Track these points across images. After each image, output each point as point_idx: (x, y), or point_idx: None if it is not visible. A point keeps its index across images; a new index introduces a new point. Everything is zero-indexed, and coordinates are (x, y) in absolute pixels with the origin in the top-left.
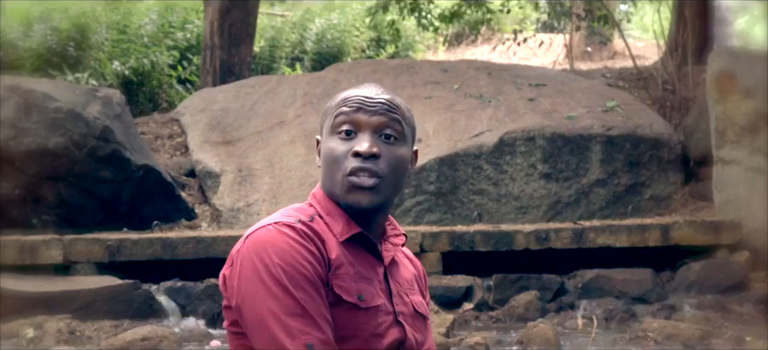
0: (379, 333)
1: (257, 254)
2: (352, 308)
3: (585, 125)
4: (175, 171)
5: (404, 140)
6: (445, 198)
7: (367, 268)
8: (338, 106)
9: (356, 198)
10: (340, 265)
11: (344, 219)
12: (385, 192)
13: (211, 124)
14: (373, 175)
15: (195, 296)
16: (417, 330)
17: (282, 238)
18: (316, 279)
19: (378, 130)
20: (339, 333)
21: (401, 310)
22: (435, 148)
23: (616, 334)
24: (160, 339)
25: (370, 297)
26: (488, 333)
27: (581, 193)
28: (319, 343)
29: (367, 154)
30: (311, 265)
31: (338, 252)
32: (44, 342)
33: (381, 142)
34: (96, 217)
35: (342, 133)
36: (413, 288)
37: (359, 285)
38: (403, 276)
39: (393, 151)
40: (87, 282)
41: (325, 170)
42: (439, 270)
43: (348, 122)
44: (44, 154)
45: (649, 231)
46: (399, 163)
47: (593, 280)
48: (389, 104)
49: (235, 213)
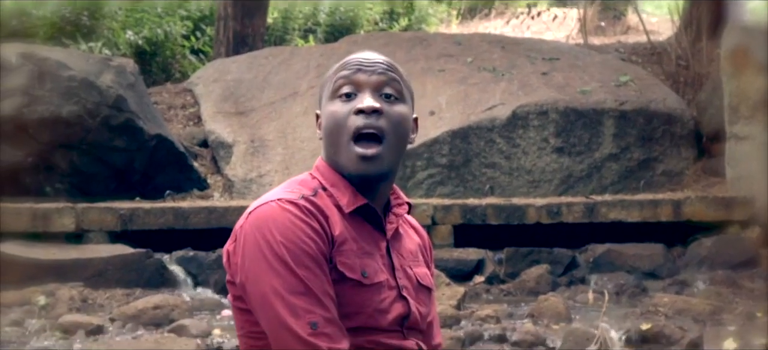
0: (383, 309)
1: (260, 231)
2: (356, 285)
3: (598, 99)
4: (188, 141)
5: (404, 101)
6: (458, 171)
7: (369, 243)
8: (337, 71)
9: (362, 168)
10: (343, 242)
11: (350, 191)
12: (389, 157)
13: (224, 95)
14: (376, 140)
15: (207, 266)
16: (421, 303)
17: (284, 215)
18: (319, 256)
19: (378, 89)
20: (343, 310)
21: (404, 284)
22: (448, 120)
23: (627, 309)
24: (171, 307)
25: (373, 273)
26: (499, 306)
27: (593, 168)
28: (323, 321)
29: (370, 110)
30: (314, 242)
31: (341, 228)
32: (56, 310)
33: (382, 100)
34: (109, 186)
35: (342, 95)
36: (417, 259)
37: (363, 261)
38: (406, 248)
39: (394, 109)
40: (99, 251)
41: (328, 137)
42: (450, 242)
43: (348, 84)
44: (57, 122)
45: (661, 206)
46: (401, 121)
47: (604, 255)
48: (387, 65)
49: (247, 183)
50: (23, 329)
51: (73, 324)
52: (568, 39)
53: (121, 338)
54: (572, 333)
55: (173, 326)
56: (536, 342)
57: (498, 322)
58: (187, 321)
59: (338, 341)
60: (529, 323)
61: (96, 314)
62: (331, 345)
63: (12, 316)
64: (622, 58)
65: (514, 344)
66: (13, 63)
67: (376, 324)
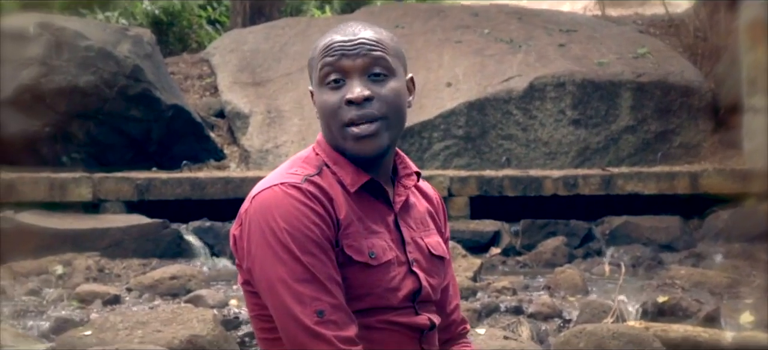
0: (393, 287)
1: (264, 218)
2: (364, 267)
3: (615, 71)
4: (205, 111)
5: (394, 74)
6: (474, 143)
7: (376, 220)
8: (321, 57)
9: (360, 148)
10: (349, 224)
11: (352, 168)
12: (388, 133)
13: (240, 65)
14: (371, 120)
15: (223, 236)
16: (433, 275)
17: (288, 201)
18: (324, 241)
19: (365, 71)
20: (352, 293)
21: (415, 258)
22: (464, 92)
23: (644, 281)
24: (188, 278)
25: (381, 252)
26: (515, 277)
27: (610, 140)
28: (330, 308)
29: (360, 100)
30: (318, 228)
31: (346, 209)
32: (73, 279)
33: (371, 83)
34: (125, 156)
35: (330, 83)
36: (428, 228)
37: (369, 241)
38: (416, 218)
39: (386, 89)
40: (116, 221)
41: (323, 123)
42: (466, 214)
43: (334, 71)
44: (74, 92)
45: (678, 178)
46: (395, 99)
47: (621, 227)
48: (371, 43)
49: (263, 154)
50: (40, 298)
51: (89, 294)
52: (586, 10)
53: (137, 308)
54: (588, 305)
55: (190, 296)
56: (552, 313)
57: (514, 294)
58: (203, 292)
59: (345, 328)
60: (546, 295)
61: (113, 284)
62: (338, 332)
63: (29, 285)
64: (640, 30)
65: (530, 316)
66: (31, 33)
67: (386, 303)
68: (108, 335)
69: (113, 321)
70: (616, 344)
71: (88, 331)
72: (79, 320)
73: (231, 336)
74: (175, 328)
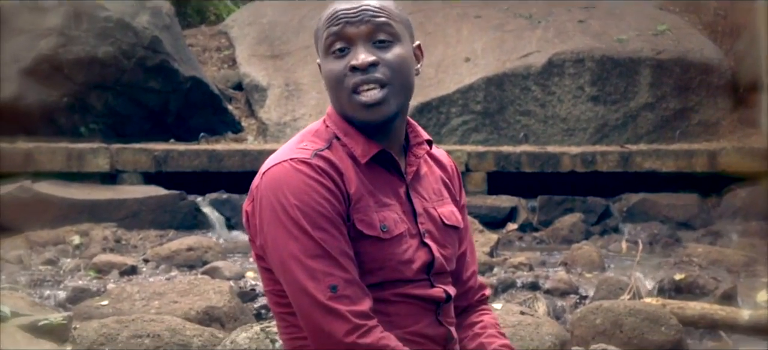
0: (406, 260)
1: (275, 194)
2: (376, 241)
3: (635, 48)
4: (222, 84)
5: (399, 40)
6: (492, 119)
7: (387, 193)
8: (325, 26)
9: (368, 116)
10: (359, 198)
11: (363, 139)
12: (396, 100)
13: (259, 38)
14: (377, 86)
15: (240, 208)
16: (446, 245)
17: (298, 177)
18: (335, 216)
19: (370, 38)
20: (365, 267)
21: (427, 229)
22: (483, 67)
23: (661, 258)
24: (205, 249)
25: (393, 225)
26: (532, 253)
27: (629, 117)
28: (343, 283)
29: (364, 66)
30: (329, 203)
31: (357, 183)
32: (90, 249)
33: (376, 49)
34: (143, 127)
35: (335, 51)
36: (442, 198)
37: (381, 214)
38: (429, 188)
39: (391, 54)
40: (133, 192)
41: (331, 93)
42: (483, 189)
43: (338, 39)
44: (93, 62)
45: (696, 156)
46: (400, 64)
47: (638, 204)
48: (374, 10)
49: (281, 127)
50: (57, 268)
51: (106, 264)
52: None
53: (154, 279)
54: (605, 282)
55: (206, 268)
56: (569, 290)
57: (531, 270)
58: (220, 264)
59: (359, 302)
60: (562, 271)
61: (129, 254)
62: (352, 307)
63: (46, 255)
64: (660, 7)
65: (546, 292)
66: (50, 3)
67: (400, 276)
68: (125, 305)
69: (130, 292)
70: (632, 321)
71: (105, 301)
72: (95, 290)
73: (247, 307)
74: (191, 299)
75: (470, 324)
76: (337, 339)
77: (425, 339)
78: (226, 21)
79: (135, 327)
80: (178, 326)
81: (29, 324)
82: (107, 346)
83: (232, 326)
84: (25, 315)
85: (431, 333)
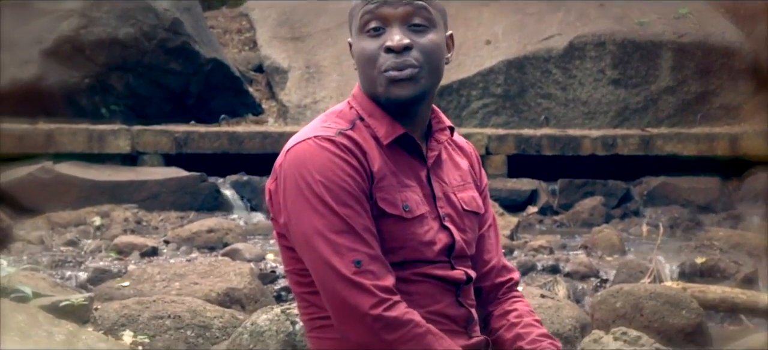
0: (427, 241)
1: (299, 171)
2: (398, 219)
3: (656, 31)
4: (243, 66)
5: (434, 26)
6: (513, 102)
7: (409, 175)
8: (363, 5)
9: (396, 92)
10: (382, 177)
11: (387, 120)
12: (424, 82)
13: (280, 20)
14: (409, 67)
15: (261, 190)
16: (466, 230)
17: (322, 154)
18: (359, 193)
19: (406, 21)
20: (387, 245)
21: (446, 213)
22: (504, 50)
23: (681, 242)
24: (225, 231)
25: (414, 206)
26: (552, 236)
27: (650, 100)
28: (367, 258)
29: (399, 48)
30: (353, 180)
31: (380, 162)
32: (111, 231)
33: (411, 32)
34: (164, 109)
35: (370, 30)
36: (463, 183)
37: (403, 194)
38: (450, 174)
39: (425, 39)
40: (154, 173)
41: (361, 71)
42: (504, 173)
43: (374, 19)
44: (114, 43)
45: (718, 140)
46: (434, 49)
47: (659, 188)
48: None
49: (301, 109)
50: (78, 249)
51: (127, 245)
52: None
53: (175, 260)
54: (626, 265)
55: (227, 250)
56: (589, 273)
57: (551, 253)
58: (240, 245)
59: (383, 277)
60: (583, 254)
61: (150, 236)
62: (376, 282)
63: (68, 236)
64: None
65: (567, 275)
66: None
67: (422, 256)
68: (145, 286)
69: (151, 273)
70: (653, 304)
71: (126, 282)
72: (116, 271)
73: (267, 289)
74: (212, 281)
75: (505, 312)
76: (362, 311)
77: (446, 318)
78: (247, 3)
79: (156, 309)
80: (198, 307)
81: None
82: (128, 327)
83: (253, 308)
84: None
85: (452, 314)
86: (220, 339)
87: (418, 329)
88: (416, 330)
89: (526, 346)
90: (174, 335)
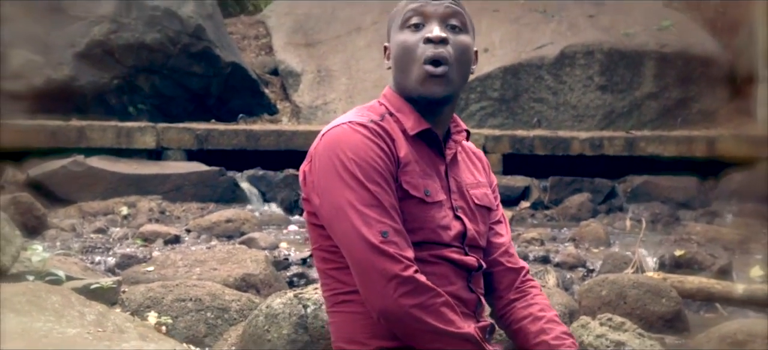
0: (444, 226)
1: (333, 151)
2: (419, 202)
3: (640, 42)
4: (260, 69)
5: (467, 32)
6: (508, 105)
7: (430, 166)
8: (407, 3)
9: (431, 88)
10: (407, 163)
11: (414, 115)
12: (454, 83)
13: (294, 27)
14: (443, 63)
15: (275, 184)
16: (478, 223)
17: (356, 136)
18: (387, 173)
19: (444, 20)
20: (407, 226)
21: (459, 205)
22: (500, 57)
23: (662, 236)
24: (242, 221)
25: (434, 192)
26: (543, 229)
27: (634, 105)
28: (392, 231)
29: (438, 39)
30: (383, 161)
31: (406, 150)
32: (137, 220)
33: (448, 30)
34: (187, 108)
35: (412, 26)
36: (476, 183)
37: (425, 181)
38: (465, 173)
39: (459, 39)
40: (177, 167)
41: (398, 65)
42: (499, 170)
43: (416, 14)
44: (142, 47)
45: (696, 142)
46: (465, 50)
47: (642, 185)
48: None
49: (313, 110)
50: (107, 236)
51: (152, 233)
52: None
53: (196, 247)
54: (611, 257)
55: (244, 238)
56: (577, 263)
57: (542, 245)
58: (256, 234)
59: (405, 249)
60: (571, 246)
61: (173, 225)
62: (399, 252)
63: (97, 224)
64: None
65: (556, 265)
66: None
67: (438, 238)
68: (169, 271)
69: (173, 259)
70: (635, 293)
71: (151, 267)
72: (142, 257)
73: (281, 275)
74: (230, 267)
75: (529, 305)
76: (391, 274)
77: (459, 301)
78: (264, 11)
79: (178, 292)
80: (217, 291)
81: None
82: (153, 309)
83: (267, 292)
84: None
85: (464, 297)
86: (237, 321)
87: (439, 298)
88: (436, 299)
89: (551, 341)
90: (195, 316)
